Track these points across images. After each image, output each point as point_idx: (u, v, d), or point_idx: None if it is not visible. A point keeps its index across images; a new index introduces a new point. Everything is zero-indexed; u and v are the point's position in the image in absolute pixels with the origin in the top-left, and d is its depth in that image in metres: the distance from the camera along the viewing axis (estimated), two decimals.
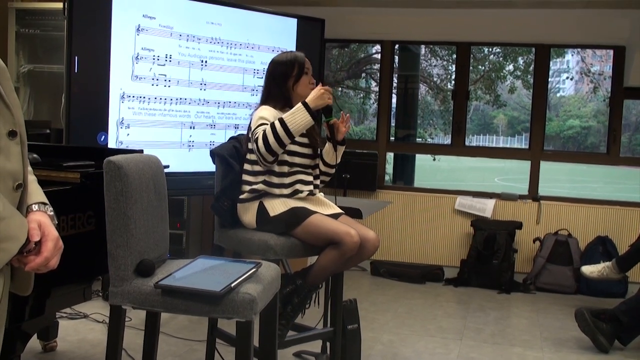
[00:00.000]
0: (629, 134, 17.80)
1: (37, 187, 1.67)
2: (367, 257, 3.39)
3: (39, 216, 1.59)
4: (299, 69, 3.48)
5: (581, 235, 5.85)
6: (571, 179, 17.34)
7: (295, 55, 3.55)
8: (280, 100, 3.44)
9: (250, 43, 4.98)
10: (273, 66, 3.54)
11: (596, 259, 5.45)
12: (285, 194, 3.34)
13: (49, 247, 1.55)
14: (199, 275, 2.52)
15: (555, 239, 5.80)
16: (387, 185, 6.94)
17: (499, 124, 21.52)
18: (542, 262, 5.72)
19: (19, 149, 1.54)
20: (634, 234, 4.99)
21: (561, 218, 6.00)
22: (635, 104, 16.46)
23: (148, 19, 4.42)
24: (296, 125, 3.21)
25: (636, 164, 7.45)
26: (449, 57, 12.60)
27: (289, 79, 3.47)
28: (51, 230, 1.58)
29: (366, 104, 14.19)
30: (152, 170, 2.66)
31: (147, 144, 4.44)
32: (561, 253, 5.76)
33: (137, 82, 4.41)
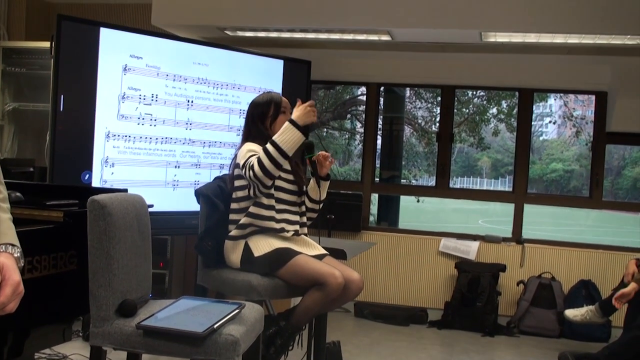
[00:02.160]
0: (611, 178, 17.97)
1: (10, 226, 1.65)
2: (351, 298, 3.39)
3: (3, 258, 1.56)
4: (275, 109, 3.55)
5: (564, 279, 5.85)
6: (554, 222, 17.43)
7: (271, 96, 3.62)
8: (260, 139, 3.47)
9: (237, 83, 5.01)
10: (251, 107, 3.63)
11: (579, 302, 5.45)
12: (275, 228, 3.34)
13: (7, 292, 1.52)
14: (181, 316, 2.50)
15: (538, 282, 5.80)
16: (371, 226, 6.94)
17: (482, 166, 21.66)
18: (526, 305, 5.71)
19: None
20: (617, 277, 5.01)
21: (545, 261, 6.02)
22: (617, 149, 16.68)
23: (135, 58, 4.45)
24: (288, 144, 3.24)
25: (618, 208, 7.52)
26: (433, 99, 12.72)
27: (267, 118, 3.54)
28: (12, 275, 1.54)
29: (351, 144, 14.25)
30: (136, 209, 2.65)
31: (132, 182, 4.43)
32: (545, 296, 5.75)
33: (123, 121, 4.42)
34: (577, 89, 6.72)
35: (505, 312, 5.92)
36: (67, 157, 4.25)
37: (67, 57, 4.17)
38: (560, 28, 4.74)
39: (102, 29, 4.31)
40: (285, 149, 3.23)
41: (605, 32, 4.72)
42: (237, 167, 3.41)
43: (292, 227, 3.45)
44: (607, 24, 4.63)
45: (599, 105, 6.11)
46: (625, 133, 5.94)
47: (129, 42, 4.43)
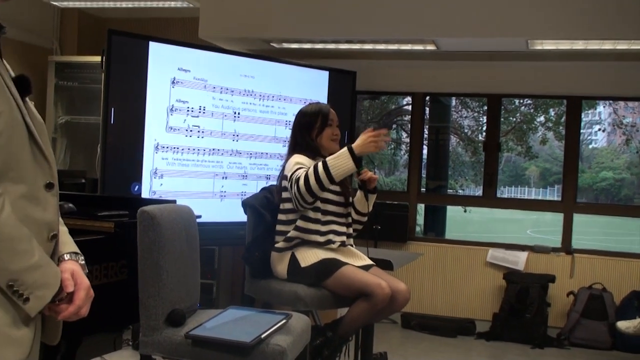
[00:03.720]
0: None
1: (69, 237, 1.71)
2: (398, 309, 3.37)
3: (71, 265, 1.61)
4: (322, 121, 3.51)
5: (616, 290, 5.73)
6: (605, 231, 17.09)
7: (319, 107, 3.58)
8: (306, 150, 3.46)
9: (283, 95, 5.05)
10: (298, 117, 3.60)
11: (631, 314, 5.33)
12: (320, 241, 3.35)
13: (81, 296, 1.57)
14: (229, 326, 2.53)
15: (589, 293, 5.70)
16: (418, 236, 6.90)
17: (530, 175, 21.37)
18: (577, 317, 5.61)
19: (55, 200, 1.58)
20: None
21: (595, 271, 5.90)
22: None
23: (183, 72, 4.52)
24: (338, 170, 3.18)
25: None
26: (479, 108, 12.63)
27: (313, 130, 3.50)
28: (83, 280, 1.60)
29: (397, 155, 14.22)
30: (185, 220, 2.69)
31: (180, 193, 4.50)
32: (596, 307, 5.64)
33: (171, 133, 4.49)
34: (626, 96, 6.60)
35: (555, 323, 5.82)
36: (118, 169, 4.34)
37: (117, 70, 4.26)
38: (609, 34, 4.67)
39: (151, 43, 4.39)
40: (334, 174, 3.17)
41: None
42: (285, 179, 3.41)
43: (339, 238, 3.45)
44: None
45: None
46: None
47: (177, 55, 4.51)
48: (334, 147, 3.49)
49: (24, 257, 1.45)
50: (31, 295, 1.46)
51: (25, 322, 1.48)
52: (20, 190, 1.47)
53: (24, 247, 1.45)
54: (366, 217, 3.60)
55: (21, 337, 1.47)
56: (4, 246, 1.42)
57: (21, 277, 1.44)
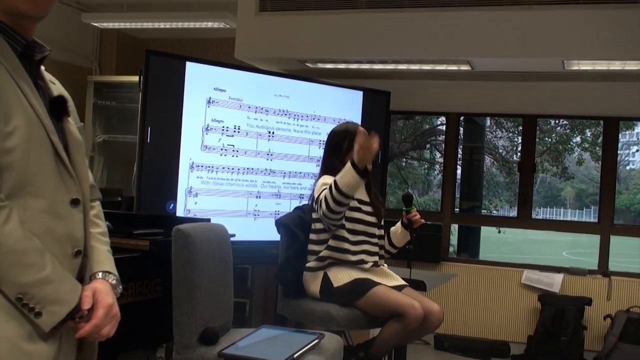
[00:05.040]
0: None
1: (107, 256, 1.72)
2: (431, 330, 3.36)
3: (98, 284, 1.62)
4: (349, 141, 3.52)
5: None
6: None
7: (347, 127, 3.63)
8: (337, 170, 3.46)
9: (317, 115, 5.07)
10: (329, 136, 3.65)
11: None
12: (352, 261, 3.35)
13: (99, 314, 1.56)
14: (262, 345, 2.54)
15: (627, 317, 5.59)
16: (451, 257, 6.86)
17: (566, 197, 21.12)
18: (614, 341, 5.51)
19: (81, 217, 1.60)
20: None
21: (633, 294, 5.80)
22: None
23: (219, 91, 4.57)
24: (347, 186, 3.22)
25: None
26: (514, 128, 12.55)
27: (341, 150, 3.54)
28: (104, 298, 1.59)
29: (430, 174, 14.17)
30: (219, 238, 2.72)
31: (214, 212, 4.52)
32: (634, 331, 5.54)
33: (206, 152, 4.53)
34: None
35: (592, 347, 5.72)
36: (153, 187, 4.39)
37: (154, 90, 4.32)
38: None
39: (188, 63, 4.45)
40: (345, 190, 3.21)
41: None
42: (314, 199, 3.44)
43: (372, 258, 3.45)
44: None
45: None
46: None
47: (213, 75, 4.56)
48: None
49: (31, 270, 1.46)
50: (43, 310, 1.47)
51: (42, 337, 1.48)
52: (40, 205, 1.50)
53: (32, 260, 1.46)
54: (396, 251, 3.67)
55: (35, 351, 1.47)
56: (9, 258, 1.43)
57: (31, 291, 1.45)
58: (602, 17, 4.59)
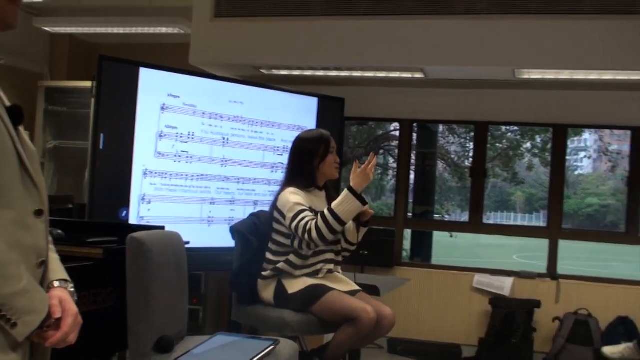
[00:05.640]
0: None
1: (59, 264, 1.73)
2: (383, 334, 3.39)
3: (59, 292, 1.63)
4: (324, 148, 3.50)
5: (601, 315, 5.76)
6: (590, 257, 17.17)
7: (321, 133, 3.57)
8: (304, 179, 3.45)
9: (272, 121, 5.08)
10: (299, 142, 3.56)
11: (617, 339, 5.36)
12: (306, 273, 3.37)
13: (69, 322, 1.59)
14: (217, 352, 2.54)
15: (575, 319, 5.72)
16: (404, 261, 6.92)
17: (516, 201, 21.50)
18: (562, 342, 5.64)
19: (44, 227, 1.61)
20: None
21: (581, 297, 5.93)
22: None
23: (172, 97, 4.54)
24: (347, 214, 3.24)
25: None
26: (466, 134, 12.74)
27: (315, 157, 3.49)
28: (71, 307, 1.62)
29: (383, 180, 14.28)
30: (174, 246, 2.71)
31: (168, 219, 4.49)
32: (581, 333, 5.67)
33: (159, 159, 4.50)
34: (612, 125, 6.69)
35: (541, 349, 5.83)
36: (105, 194, 4.34)
37: (107, 96, 4.28)
38: (595, 65, 4.75)
39: (141, 69, 4.42)
40: (344, 218, 3.23)
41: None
42: (279, 212, 3.40)
43: (328, 266, 3.46)
44: None
45: (635, 141, 6.06)
46: None
47: (167, 81, 4.54)
48: (334, 175, 3.53)
49: (11, 281, 1.47)
50: (19, 321, 1.47)
51: (13, 348, 1.49)
52: (10, 216, 1.50)
53: (12, 271, 1.47)
54: (354, 247, 3.63)
55: None
56: None
57: (9, 302, 1.46)
58: (551, 27, 4.71)
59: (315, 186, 3.48)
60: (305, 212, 3.29)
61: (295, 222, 3.29)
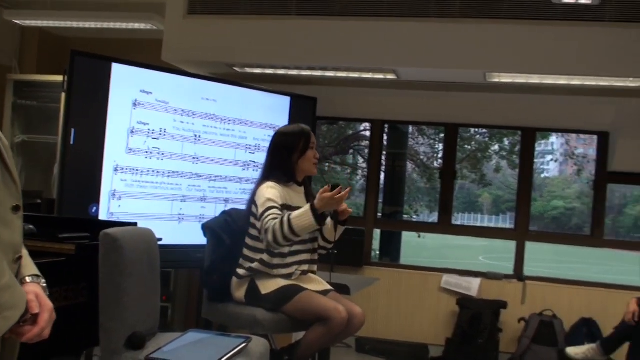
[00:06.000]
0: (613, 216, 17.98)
1: (30, 260, 1.73)
2: (353, 333, 3.41)
3: (34, 287, 1.63)
4: (305, 143, 3.49)
5: (566, 316, 5.85)
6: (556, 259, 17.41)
7: (302, 128, 3.55)
8: (283, 174, 3.45)
9: (244, 119, 5.08)
10: (279, 137, 3.55)
11: (580, 340, 5.45)
12: (282, 274, 3.37)
13: (45, 317, 1.59)
14: (189, 349, 2.54)
15: (540, 320, 5.81)
16: (373, 261, 6.96)
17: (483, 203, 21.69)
18: (527, 343, 5.72)
19: (20, 222, 1.60)
20: (618, 316, 5.02)
21: (546, 298, 6.02)
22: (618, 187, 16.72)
23: (145, 93, 4.52)
24: (301, 229, 3.22)
25: (620, 246, 7.53)
26: (435, 135, 12.82)
27: (295, 152, 3.47)
28: (47, 302, 1.62)
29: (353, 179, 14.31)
30: (147, 243, 2.71)
31: (138, 215, 4.48)
32: (546, 334, 5.75)
33: (131, 155, 4.48)
34: (579, 129, 6.80)
35: (507, 349, 5.91)
36: (75, 190, 4.30)
37: (79, 91, 4.24)
38: (564, 70, 4.83)
39: (114, 64, 4.39)
40: (297, 231, 3.21)
41: (608, 75, 4.80)
42: (256, 207, 3.39)
43: (303, 267, 3.47)
44: (610, 67, 4.71)
45: (601, 145, 6.17)
46: (626, 173, 5.99)
47: (139, 77, 4.52)
48: (313, 171, 3.53)
49: None
50: (0, 316, 1.47)
51: None
52: None
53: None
54: (331, 245, 3.63)
55: None
56: None
57: None
58: (522, 32, 4.78)
59: (294, 181, 3.49)
60: (273, 210, 3.28)
61: (262, 218, 3.30)
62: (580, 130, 6.88)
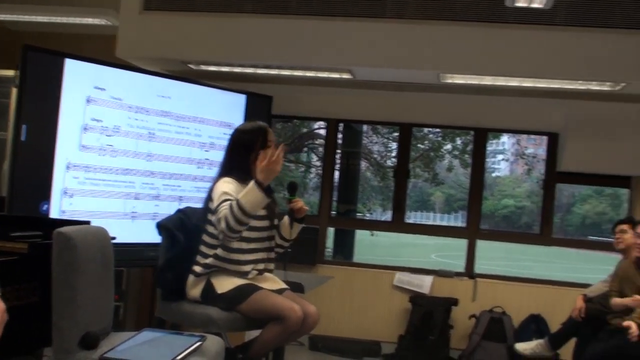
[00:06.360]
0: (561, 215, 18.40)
1: None
2: (307, 331, 3.42)
3: None
4: (262, 140, 3.48)
5: (515, 313, 5.97)
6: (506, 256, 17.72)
7: (259, 126, 3.54)
8: (241, 172, 3.43)
9: (199, 117, 5.06)
10: (237, 134, 3.54)
11: (529, 336, 5.56)
12: (238, 272, 3.36)
13: None
14: (144, 348, 2.53)
15: (490, 317, 5.91)
16: (327, 259, 6.99)
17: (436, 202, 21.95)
18: (478, 339, 5.81)
19: None
20: (565, 312, 5.15)
21: (496, 295, 6.13)
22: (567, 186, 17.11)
23: (99, 90, 4.46)
24: (251, 205, 3.18)
25: (567, 244, 7.72)
26: (389, 134, 12.92)
27: (252, 150, 3.46)
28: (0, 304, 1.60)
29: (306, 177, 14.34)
30: (100, 242, 2.69)
31: (90, 213, 4.41)
32: (496, 330, 5.86)
33: (83, 152, 4.42)
34: (530, 130, 6.93)
35: (458, 345, 6.00)
36: (26, 187, 4.21)
37: (31, 87, 4.16)
38: (515, 72, 4.93)
39: (67, 59, 4.32)
40: (249, 209, 3.17)
41: (558, 77, 4.92)
42: (212, 202, 3.38)
43: (259, 266, 3.47)
44: (560, 69, 4.83)
45: (551, 146, 6.30)
46: (575, 173, 6.14)
47: (93, 73, 4.45)
48: None
49: None
50: None
51: None
52: None
53: None
54: (288, 243, 3.65)
55: None
56: None
57: None
58: (476, 34, 4.86)
59: (251, 179, 3.49)
60: (227, 202, 3.25)
61: (217, 215, 3.29)
62: (531, 130, 7.02)
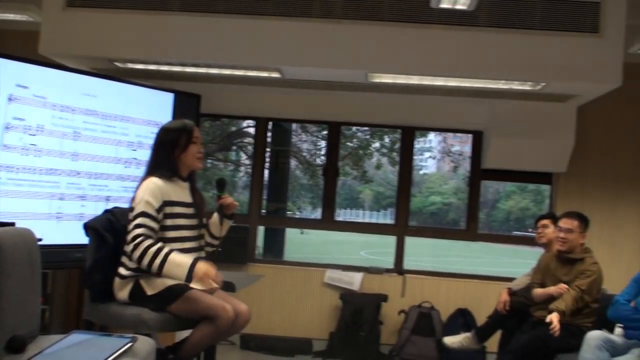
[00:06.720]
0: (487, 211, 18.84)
1: None
2: (238, 330, 3.43)
3: None
4: (187, 137, 3.49)
5: (443, 308, 6.10)
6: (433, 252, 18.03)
7: (184, 124, 3.54)
8: (167, 169, 3.43)
9: (126, 115, 4.99)
10: (162, 133, 3.53)
11: (457, 330, 5.69)
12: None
13: None
14: (73, 351, 2.48)
15: (419, 311, 6.03)
16: (257, 258, 6.99)
17: (365, 199, 22.16)
18: (407, 334, 5.92)
19: None
20: (491, 306, 5.28)
21: (425, 291, 6.25)
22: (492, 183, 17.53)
23: (21, 88, 4.35)
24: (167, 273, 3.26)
25: (492, 240, 7.91)
26: (318, 133, 12.99)
27: (177, 147, 3.47)
28: None
29: (236, 176, 14.28)
30: (27, 244, 2.63)
31: (13, 215, 4.30)
32: (424, 325, 5.98)
33: (5, 152, 4.30)
34: (455, 128, 7.09)
35: (388, 341, 6.09)
36: None
37: None
38: (441, 72, 5.04)
39: None
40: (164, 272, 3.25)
41: (482, 77, 5.05)
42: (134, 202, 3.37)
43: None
44: (484, 69, 4.97)
45: (475, 144, 6.46)
46: (499, 170, 6.32)
47: (15, 70, 4.34)
48: (197, 166, 3.53)
49: None
50: None
51: None
52: None
53: None
54: (218, 241, 3.66)
55: None
56: None
57: None
58: (402, 34, 4.95)
59: (177, 176, 3.47)
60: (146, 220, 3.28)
61: (132, 223, 3.27)
62: (456, 129, 7.18)
